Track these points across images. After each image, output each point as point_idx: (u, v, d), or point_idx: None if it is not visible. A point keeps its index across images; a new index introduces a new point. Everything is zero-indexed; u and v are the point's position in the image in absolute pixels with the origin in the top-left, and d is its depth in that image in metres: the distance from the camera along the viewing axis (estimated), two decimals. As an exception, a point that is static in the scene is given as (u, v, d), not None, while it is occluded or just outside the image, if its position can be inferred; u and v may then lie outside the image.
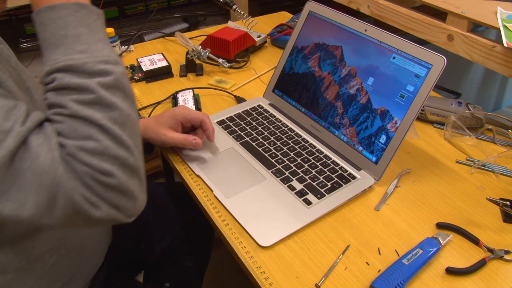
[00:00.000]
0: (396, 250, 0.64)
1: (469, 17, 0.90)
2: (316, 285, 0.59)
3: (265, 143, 0.84)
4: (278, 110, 0.93)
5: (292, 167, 0.78)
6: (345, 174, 0.76)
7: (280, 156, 0.80)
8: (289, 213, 0.69)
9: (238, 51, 1.13)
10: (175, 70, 1.11)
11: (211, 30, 1.31)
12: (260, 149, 0.82)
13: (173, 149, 0.82)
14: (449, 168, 0.81)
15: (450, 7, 0.95)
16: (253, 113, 0.92)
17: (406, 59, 0.73)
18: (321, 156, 0.80)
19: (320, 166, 0.78)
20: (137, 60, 1.12)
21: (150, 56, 1.13)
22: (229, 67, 1.10)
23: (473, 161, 0.82)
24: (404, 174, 0.79)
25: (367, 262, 0.62)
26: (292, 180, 0.75)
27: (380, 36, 0.77)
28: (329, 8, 0.86)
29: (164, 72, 1.09)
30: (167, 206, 0.96)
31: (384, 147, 0.74)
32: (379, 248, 0.64)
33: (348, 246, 0.65)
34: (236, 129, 0.88)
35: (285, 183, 0.74)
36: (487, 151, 0.84)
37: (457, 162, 0.82)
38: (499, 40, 0.84)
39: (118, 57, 0.50)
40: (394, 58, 0.75)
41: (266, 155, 0.81)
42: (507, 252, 0.63)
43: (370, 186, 0.75)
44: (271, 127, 0.88)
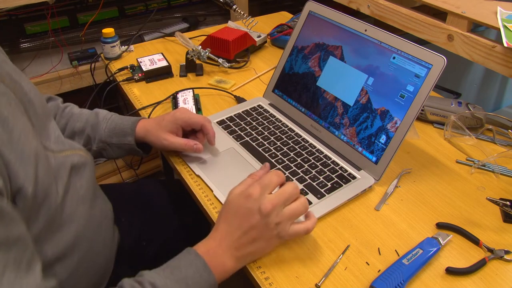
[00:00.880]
0: (396, 250, 0.64)
1: (469, 17, 0.90)
2: (316, 285, 0.59)
3: (265, 143, 0.84)
4: (278, 110, 0.93)
5: (292, 167, 0.78)
6: (345, 174, 0.76)
7: (280, 156, 0.80)
8: (289, 213, 0.69)
9: (238, 51, 1.13)
10: (175, 70, 1.11)
11: (211, 30, 1.32)
12: (260, 149, 0.82)
13: (173, 149, 0.82)
14: (449, 168, 0.81)
15: (450, 7, 0.95)
16: (253, 113, 0.92)
17: (406, 59, 0.73)
18: (321, 156, 0.80)
19: (320, 166, 0.78)
20: (137, 60, 1.12)
21: (150, 56, 1.13)
22: (229, 67, 1.10)
23: (473, 161, 0.82)
24: (404, 174, 0.79)
25: (367, 262, 0.62)
26: (292, 180, 0.75)
27: (380, 36, 0.77)
28: (329, 8, 0.86)
29: (164, 72, 1.09)
30: (166, 205, 0.95)
31: (384, 147, 0.74)
32: (379, 248, 0.64)
33: (348, 246, 0.65)
34: (236, 129, 0.88)
35: (285, 183, 0.74)
36: (487, 151, 0.84)
37: (457, 162, 0.82)
38: (499, 40, 0.84)
39: None
40: (394, 58, 0.75)
41: (266, 155, 0.81)
42: (507, 252, 0.63)
43: (370, 186, 0.75)
44: (271, 127, 0.88)
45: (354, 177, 0.76)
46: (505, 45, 0.81)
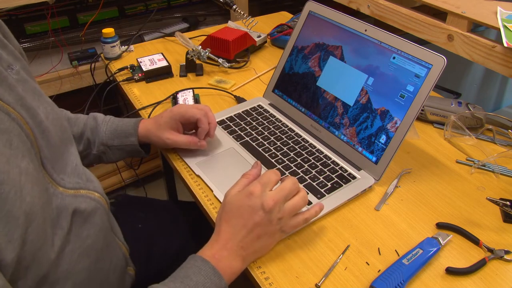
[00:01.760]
0: (396, 250, 0.64)
1: (469, 17, 0.90)
2: (316, 285, 0.59)
3: (265, 143, 0.84)
4: (278, 110, 0.93)
5: (292, 167, 0.78)
6: (345, 174, 0.76)
7: (280, 156, 0.80)
8: (289, 213, 0.69)
9: (238, 51, 1.13)
10: (175, 70, 1.11)
11: (211, 30, 1.32)
12: (260, 149, 0.82)
13: (173, 148, 0.82)
14: (449, 168, 0.81)
15: (450, 7, 0.95)
16: (253, 113, 0.92)
17: (406, 59, 0.73)
18: (321, 156, 0.80)
19: (320, 166, 0.78)
20: (137, 60, 1.12)
21: (150, 56, 1.13)
22: (229, 67, 1.10)
23: (473, 161, 0.82)
24: (404, 174, 0.79)
25: (367, 262, 0.62)
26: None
27: (380, 36, 0.77)
28: (329, 8, 0.86)
29: (164, 72, 1.09)
30: (172, 210, 0.95)
31: (384, 147, 0.74)
32: (379, 248, 0.64)
33: (348, 246, 0.65)
34: (236, 129, 0.88)
35: (285, 183, 0.74)
36: (487, 151, 0.84)
37: (457, 162, 0.82)
38: (499, 40, 0.84)
39: None
40: (394, 58, 0.75)
41: (266, 155, 0.81)
42: (507, 252, 0.63)
43: (370, 186, 0.75)
44: (271, 127, 0.88)
45: (354, 177, 0.76)
46: (505, 45, 0.81)
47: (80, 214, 0.56)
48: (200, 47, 1.09)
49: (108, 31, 1.14)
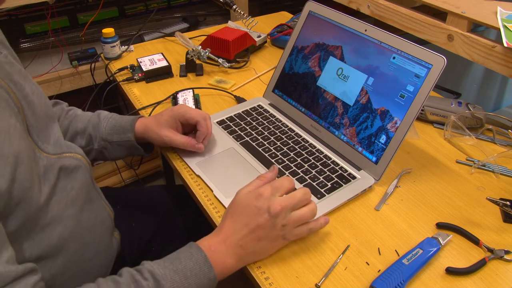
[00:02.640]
0: (396, 250, 0.64)
1: (469, 17, 0.90)
2: (316, 285, 0.59)
3: (265, 143, 0.84)
4: (278, 110, 0.93)
5: (292, 167, 0.78)
6: (345, 174, 0.76)
7: (280, 156, 0.80)
8: (289, 213, 0.69)
9: (238, 51, 1.13)
10: (175, 70, 1.11)
11: (211, 30, 1.32)
12: (260, 149, 0.82)
13: (173, 149, 0.82)
14: (449, 168, 0.81)
15: (450, 7, 0.95)
16: (253, 113, 0.92)
17: (406, 59, 0.73)
18: (321, 156, 0.80)
19: (320, 166, 0.78)
20: (137, 60, 1.12)
21: (150, 56, 1.13)
22: (229, 67, 1.10)
23: (473, 161, 0.82)
24: (404, 174, 0.79)
25: (367, 262, 0.62)
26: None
27: (380, 36, 0.77)
28: (329, 8, 0.86)
29: (164, 72, 1.09)
30: (171, 211, 0.95)
31: (384, 147, 0.74)
32: (379, 248, 0.64)
33: (348, 246, 0.65)
34: (236, 129, 0.88)
35: (285, 183, 0.74)
36: (487, 151, 0.84)
37: (457, 162, 0.82)
38: (499, 40, 0.84)
39: None
40: (394, 58, 0.75)
41: (266, 155, 0.81)
42: (507, 252, 0.63)
43: (370, 186, 0.75)
44: (271, 127, 0.88)
45: (354, 177, 0.76)
46: (505, 45, 0.81)
47: (65, 170, 0.62)
48: (200, 47, 1.09)
49: (108, 31, 1.14)
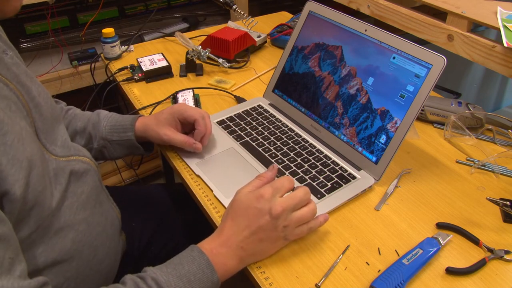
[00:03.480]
0: (396, 250, 0.64)
1: (469, 17, 0.90)
2: (316, 285, 0.59)
3: (265, 143, 0.84)
4: (278, 110, 0.93)
5: (292, 167, 0.78)
6: (345, 174, 0.76)
7: (280, 156, 0.80)
8: (289, 213, 0.69)
9: (238, 51, 1.13)
10: (175, 70, 1.11)
11: (211, 30, 1.32)
12: (260, 149, 0.82)
13: (173, 148, 0.82)
14: (449, 168, 0.81)
15: (450, 7, 0.95)
16: (253, 113, 0.92)
17: (406, 59, 0.73)
18: (321, 156, 0.80)
19: (320, 166, 0.78)
20: (137, 60, 1.12)
21: (150, 56, 1.13)
22: (229, 67, 1.10)
23: (473, 161, 0.82)
24: (404, 174, 0.79)
25: (367, 262, 0.62)
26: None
27: (380, 36, 0.77)
28: (329, 8, 0.86)
29: (164, 72, 1.09)
30: (171, 210, 0.95)
31: (384, 147, 0.74)
32: (379, 248, 0.64)
33: (348, 246, 0.65)
34: (236, 129, 0.88)
35: (285, 183, 0.74)
36: (487, 151, 0.84)
37: (457, 162, 0.82)
38: (499, 40, 0.84)
39: None
40: (394, 58, 0.75)
41: (266, 155, 0.81)
42: (507, 252, 0.63)
43: (370, 186, 0.75)
44: (271, 127, 0.88)
45: (354, 177, 0.76)
46: (505, 45, 0.81)
47: (75, 174, 0.63)
48: (200, 47, 1.09)
49: (108, 31, 1.14)
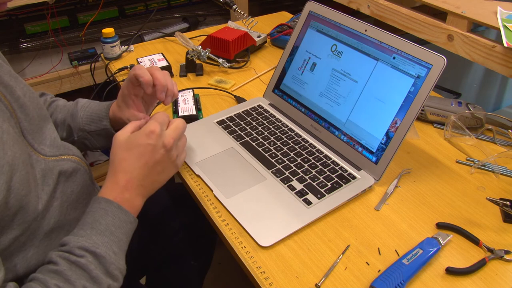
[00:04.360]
0: (396, 250, 0.64)
1: (469, 17, 0.90)
2: (316, 285, 0.59)
3: (265, 143, 0.84)
4: (278, 110, 0.93)
5: (292, 167, 0.78)
6: (345, 174, 0.76)
7: (280, 156, 0.80)
8: (289, 213, 0.69)
9: (238, 51, 1.13)
10: (175, 70, 1.11)
11: (211, 30, 1.32)
12: (260, 149, 0.82)
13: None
14: (449, 168, 0.81)
15: (450, 7, 0.95)
16: (253, 113, 0.92)
17: (406, 59, 0.73)
18: (321, 156, 0.80)
19: (320, 166, 0.78)
20: (137, 60, 1.12)
21: (150, 56, 1.13)
22: (229, 67, 1.10)
23: (473, 161, 0.82)
24: (404, 174, 0.79)
25: (367, 262, 0.62)
26: (292, 180, 0.75)
27: (380, 36, 0.77)
28: (329, 8, 0.86)
29: (164, 72, 1.09)
30: (170, 209, 0.95)
31: (384, 147, 0.74)
32: (379, 248, 0.64)
33: (348, 246, 0.65)
34: (236, 129, 0.88)
35: (285, 183, 0.74)
36: (487, 151, 0.84)
37: (457, 162, 0.82)
38: (499, 40, 0.84)
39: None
40: (394, 58, 0.75)
41: (266, 155, 0.81)
42: (507, 252, 0.63)
43: (370, 186, 0.75)
44: (271, 127, 0.88)
45: (354, 177, 0.76)
46: (505, 45, 0.81)
47: (63, 174, 0.63)
48: (200, 47, 1.09)
49: (108, 31, 1.14)
